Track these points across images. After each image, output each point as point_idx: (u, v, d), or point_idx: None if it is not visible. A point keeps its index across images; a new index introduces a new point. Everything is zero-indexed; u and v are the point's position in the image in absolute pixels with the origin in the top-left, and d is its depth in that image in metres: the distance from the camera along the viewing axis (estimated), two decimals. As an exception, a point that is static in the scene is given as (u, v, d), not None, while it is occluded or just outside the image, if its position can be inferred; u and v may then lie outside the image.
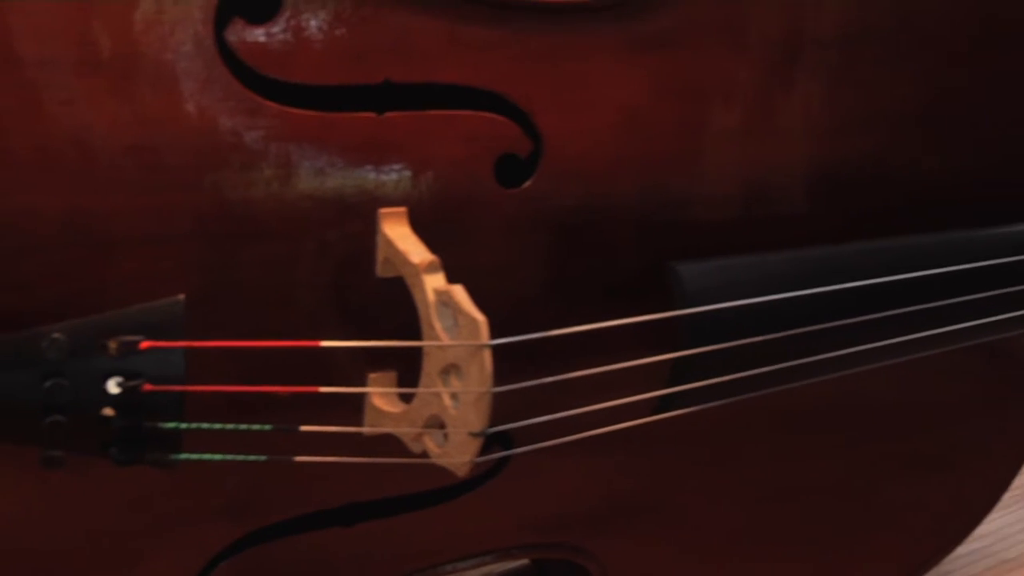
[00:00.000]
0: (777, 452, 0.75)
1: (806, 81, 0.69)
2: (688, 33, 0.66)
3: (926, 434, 0.79)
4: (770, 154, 0.69)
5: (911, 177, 0.74)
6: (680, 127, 0.67)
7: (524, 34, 0.62)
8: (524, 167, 0.63)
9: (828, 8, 0.69)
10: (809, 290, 0.65)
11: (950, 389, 0.78)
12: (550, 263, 0.65)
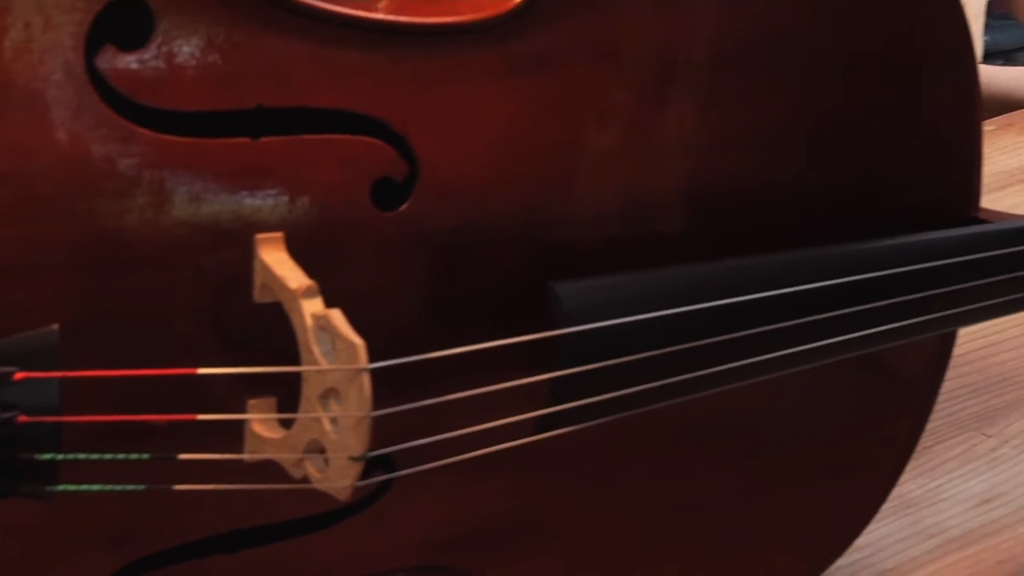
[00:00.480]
0: (661, 467, 0.76)
1: (681, 101, 0.70)
2: (564, 55, 0.66)
3: (805, 446, 0.80)
4: (647, 173, 0.70)
5: (790, 194, 0.75)
6: (557, 148, 0.67)
7: (399, 57, 0.62)
8: (401, 190, 0.63)
9: (701, 29, 0.70)
10: (688, 307, 0.66)
11: (828, 400, 0.79)
12: (430, 285, 0.65)
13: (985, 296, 0.76)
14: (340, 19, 0.61)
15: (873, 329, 0.71)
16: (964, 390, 1.00)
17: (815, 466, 0.81)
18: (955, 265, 0.73)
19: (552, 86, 0.66)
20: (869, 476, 0.84)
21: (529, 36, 0.65)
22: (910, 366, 0.83)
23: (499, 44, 0.64)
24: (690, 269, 0.68)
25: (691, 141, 0.71)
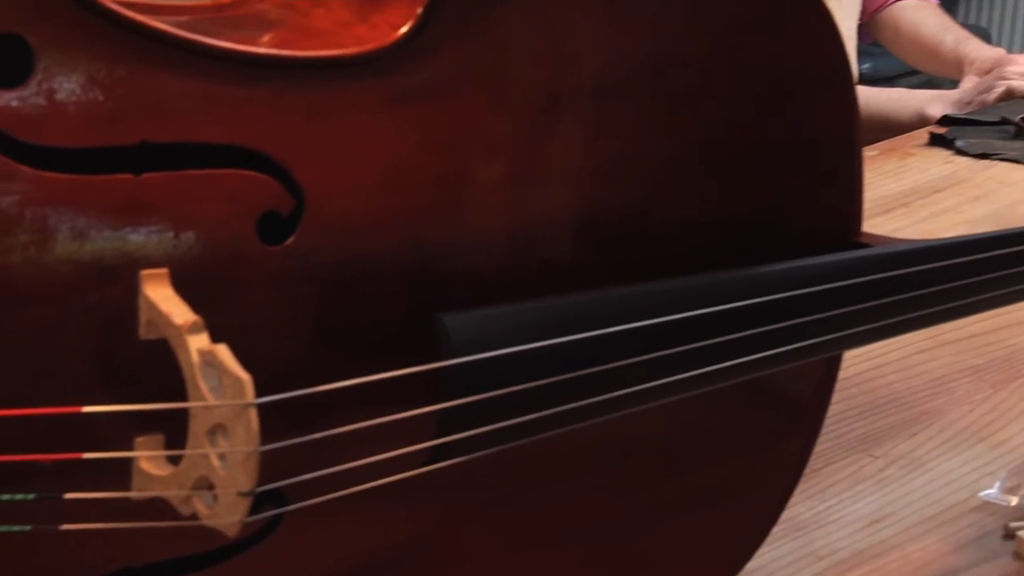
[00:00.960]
0: (555, 495, 0.76)
1: (567, 130, 0.71)
2: (448, 86, 0.67)
3: (695, 471, 0.81)
4: (535, 203, 0.71)
5: (677, 222, 0.76)
6: (443, 179, 0.67)
7: (283, 91, 0.62)
8: (287, 224, 0.63)
9: (586, 60, 0.71)
10: (576, 335, 0.66)
11: (717, 425, 0.80)
12: (319, 318, 0.65)
13: (868, 319, 0.77)
14: (222, 53, 0.61)
15: (758, 354, 0.72)
16: (851, 412, 1.02)
17: (705, 490, 0.82)
18: (837, 290, 0.74)
19: (437, 117, 0.66)
20: (759, 499, 0.85)
21: (413, 68, 0.65)
22: (797, 390, 0.84)
23: (383, 76, 0.64)
24: (578, 298, 0.68)
25: (578, 170, 0.72)
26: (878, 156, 1.55)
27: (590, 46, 0.71)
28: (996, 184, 1.47)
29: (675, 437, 0.79)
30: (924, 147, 1.59)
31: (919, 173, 1.50)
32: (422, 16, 0.65)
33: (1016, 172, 1.50)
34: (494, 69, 0.68)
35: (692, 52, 0.74)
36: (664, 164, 0.75)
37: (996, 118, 1.63)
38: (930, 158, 1.55)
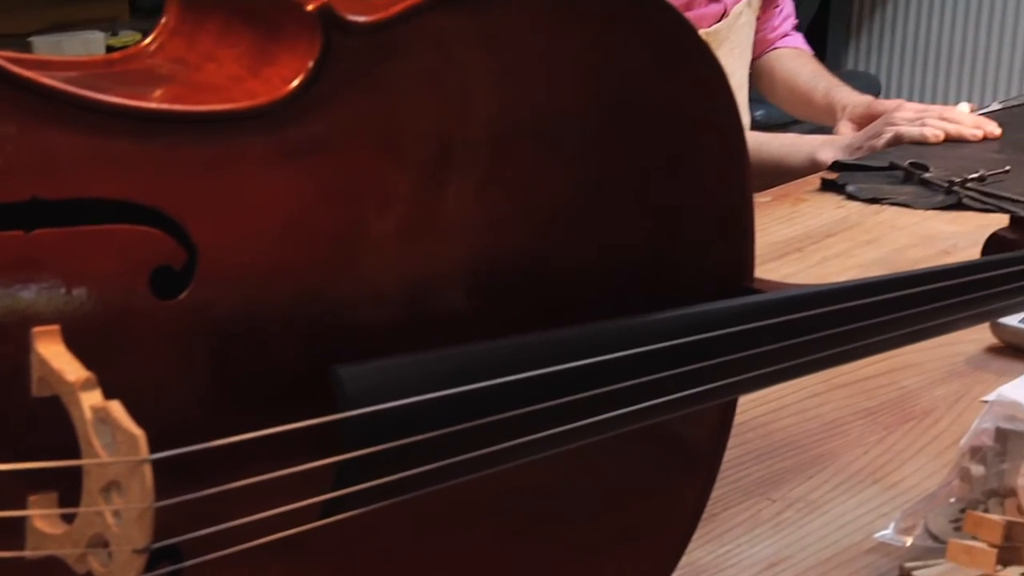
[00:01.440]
0: (456, 542, 0.76)
1: (460, 181, 0.71)
2: (340, 139, 0.67)
3: (594, 516, 0.81)
4: (429, 254, 0.71)
5: (571, 269, 0.76)
6: (337, 231, 0.68)
7: (174, 146, 0.62)
8: (180, 278, 0.63)
9: (477, 111, 0.71)
10: (472, 385, 0.66)
11: (614, 471, 0.81)
12: (214, 372, 0.65)
13: (762, 364, 0.78)
14: (112, 109, 0.60)
15: (653, 401, 0.72)
16: (748, 456, 1.03)
17: (603, 537, 0.82)
18: (729, 335, 0.75)
19: (330, 170, 0.67)
20: (658, 544, 0.85)
21: (305, 121, 0.65)
22: (693, 435, 0.85)
23: (275, 130, 0.65)
24: (474, 348, 0.69)
25: (472, 220, 0.72)
26: (771, 202, 1.57)
27: (482, 97, 0.72)
28: (887, 228, 1.49)
29: (570, 484, 0.79)
30: (816, 192, 1.61)
31: (812, 218, 1.52)
32: (313, 69, 0.65)
33: (906, 216, 1.52)
34: (386, 121, 0.68)
35: (584, 102, 0.75)
36: (558, 212, 0.75)
37: (886, 163, 1.66)
38: (822, 203, 1.57)
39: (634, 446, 0.80)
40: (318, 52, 0.65)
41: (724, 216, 0.82)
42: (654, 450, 0.83)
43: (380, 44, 0.67)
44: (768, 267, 1.35)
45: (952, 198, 1.54)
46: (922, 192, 1.57)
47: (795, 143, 1.83)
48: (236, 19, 0.70)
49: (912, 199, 1.56)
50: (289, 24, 0.66)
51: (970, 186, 1.56)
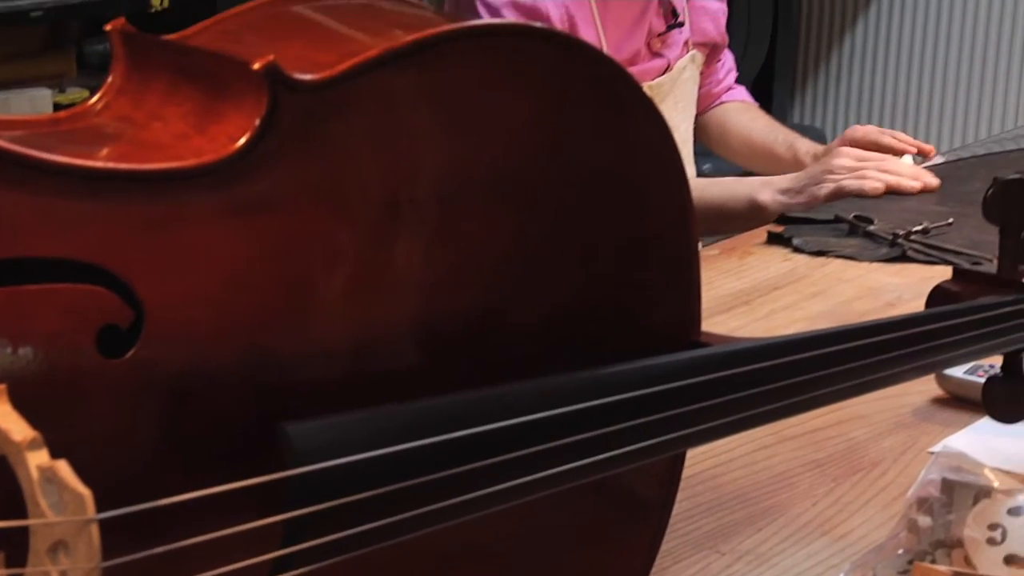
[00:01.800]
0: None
1: (408, 238, 0.72)
2: (287, 196, 0.67)
3: (544, 570, 0.81)
4: (378, 311, 0.71)
5: (519, 325, 0.77)
6: (285, 289, 0.68)
7: (120, 204, 0.62)
8: (127, 337, 0.63)
9: (424, 169, 0.72)
10: (420, 442, 0.66)
11: (564, 524, 0.81)
12: (162, 430, 0.64)
13: (710, 418, 0.78)
14: (57, 168, 0.60)
15: (602, 455, 0.72)
16: (697, 509, 1.03)
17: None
18: (677, 389, 0.75)
19: (277, 228, 0.67)
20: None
21: (251, 179, 0.66)
22: (642, 487, 0.85)
23: (222, 188, 0.65)
24: (422, 404, 0.69)
25: (420, 277, 0.72)
26: (718, 255, 1.58)
27: (430, 155, 0.72)
28: (833, 281, 1.50)
29: (517, 535, 0.79)
30: (763, 245, 1.62)
31: (758, 271, 1.53)
32: (259, 127, 0.65)
33: (852, 269, 1.53)
34: (334, 179, 0.68)
35: (530, 158, 0.76)
36: (506, 269, 0.76)
37: (831, 216, 1.67)
38: (769, 256, 1.58)
39: (583, 498, 0.80)
40: (264, 110, 0.65)
41: (670, 270, 0.83)
42: (603, 502, 0.83)
43: (327, 102, 0.67)
44: (716, 320, 1.35)
45: (896, 250, 1.56)
46: (867, 244, 1.59)
47: (733, 187, 1.83)
48: (182, 78, 0.70)
49: (857, 251, 1.57)
50: (235, 82, 0.67)
51: (914, 238, 1.57)
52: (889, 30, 3.31)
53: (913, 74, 3.32)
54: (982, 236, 1.52)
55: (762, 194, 1.80)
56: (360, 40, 0.73)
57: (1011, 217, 0.96)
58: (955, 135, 3.30)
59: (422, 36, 0.70)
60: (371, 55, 0.68)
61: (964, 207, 1.65)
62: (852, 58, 3.42)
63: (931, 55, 3.27)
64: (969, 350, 0.93)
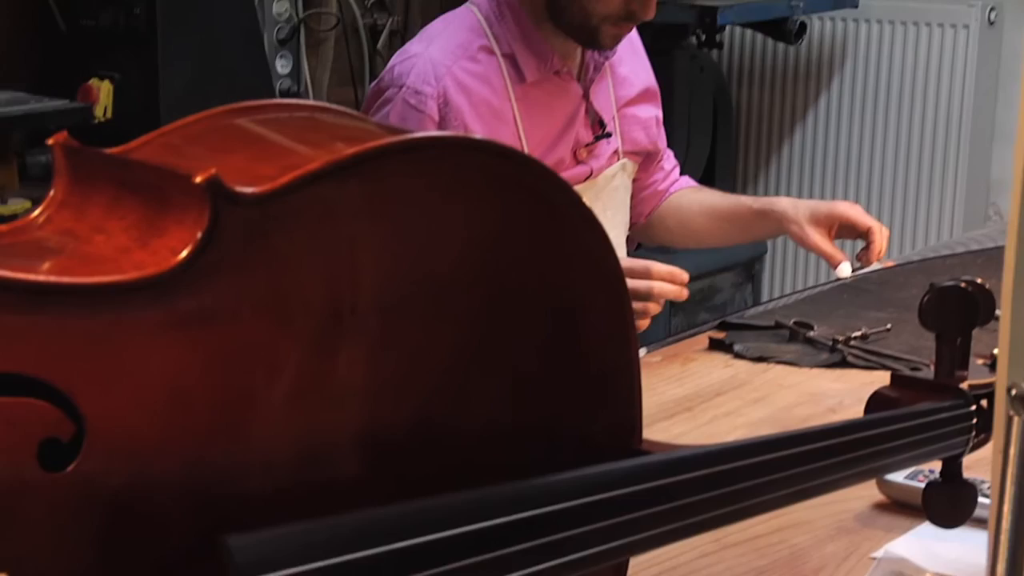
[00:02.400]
0: None
1: (350, 348, 0.72)
2: (229, 308, 0.67)
3: None
4: (320, 421, 0.71)
5: (462, 434, 0.77)
6: (228, 400, 0.68)
7: (61, 318, 0.62)
8: (68, 450, 0.62)
9: (365, 278, 0.72)
10: (362, 552, 0.66)
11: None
12: (103, 543, 0.64)
13: (651, 526, 0.78)
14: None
15: (543, 564, 0.72)
16: (642, 617, 1.03)
17: None
18: (617, 498, 0.75)
19: (219, 339, 0.67)
20: None
21: (194, 291, 0.66)
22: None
23: (164, 300, 0.65)
24: (362, 515, 0.69)
25: (363, 386, 0.73)
26: (661, 361, 1.58)
27: (371, 265, 0.72)
28: (774, 387, 1.51)
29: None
30: (705, 352, 1.63)
31: (701, 377, 1.54)
32: (201, 240, 0.66)
33: (793, 375, 1.54)
34: (275, 290, 0.69)
35: (471, 268, 0.76)
36: (447, 377, 0.76)
37: (771, 322, 1.68)
38: (711, 362, 1.59)
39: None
40: (206, 223, 0.66)
41: (610, 377, 0.83)
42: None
43: (269, 215, 0.68)
44: (659, 427, 1.36)
45: (836, 356, 1.57)
46: (807, 350, 1.60)
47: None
48: (125, 191, 0.70)
49: (798, 357, 1.58)
50: (178, 196, 0.67)
51: (854, 344, 1.58)
52: (827, 135, 3.35)
53: (850, 182, 3.36)
54: (920, 341, 1.53)
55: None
56: (302, 153, 0.74)
57: (947, 323, 0.98)
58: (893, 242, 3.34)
59: (363, 149, 0.70)
60: (312, 168, 0.69)
61: (902, 313, 1.66)
62: (791, 165, 3.46)
63: (868, 158, 3.31)
64: (909, 455, 0.94)
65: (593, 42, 1.75)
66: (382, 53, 3.27)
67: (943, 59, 3.21)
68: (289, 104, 0.81)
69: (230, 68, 2.60)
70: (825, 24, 3.34)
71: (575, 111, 1.79)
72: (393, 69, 1.72)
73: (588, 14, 1.69)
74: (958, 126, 3.23)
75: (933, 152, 3.29)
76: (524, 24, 1.73)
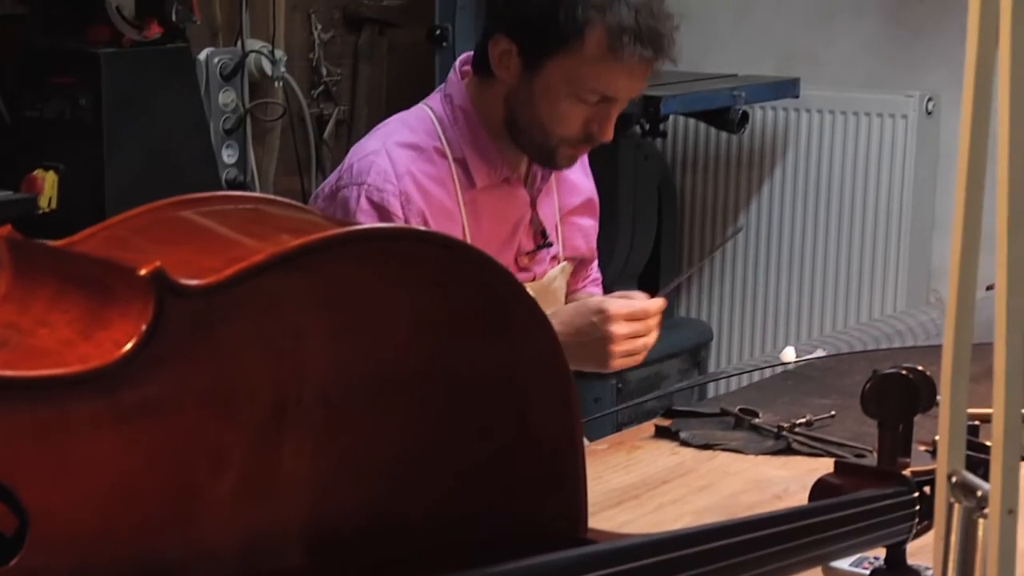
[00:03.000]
0: None
1: (295, 440, 0.72)
2: (174, 401, 0.67)
3: None
4: (266, 512, 0.71)
5: (407, 524, 0.77)
6: (173, 492, 0.68)
7: (5, 411, 0.62)
8: (11, 545, 0.62)
9: (310, 370, 0.72)
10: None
11: None
12: (45, 639, 0.64)
13: (596, 615, 0.78)
14: (-58, 376, 0.61)
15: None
16: None
17: None
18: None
19: (164, 431, 0.67)
20: None
21: (138, 384, 0.66)
22: None
23: (108, 393, 0.65)
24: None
25: (308, 477, 0.73)
26: (607, 450, 1.58)
27: (317, 357, 0.73)
28: (720, 474, 1.51)
29: None
30: (651, 439, 1.63)
31: (647, 465, 1.54)
32: (146, 333, 0.66)
33: (738, 462, 1.55)
34: (220, 383, 0.69)
35: (417, 359, 0.77)
36: (393, 469, 0.76)
37: (717, 409, 1.69)
38: (657, 450, 1.59)
39: None
40: (151, 316, 0.66)
41: (555, 467, 0.83)
42: None
43: (213, 307, 0.68)
44: (605, 515, 1.35)
45: (781, 443, 1.57)
46: (753, 437, 1.60)
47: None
48: (69, 284, 0.70)
49: (743, 444, 1.59)
50: (122, 289, 0.67)
51: (798, 431, 1.59)
52: (770, 223, 3.38)
53: (794, 265, 3.39)
54: (864, 428, 1.54)
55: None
56: (247, 245, 0.74)
57: (888, 410, 0.99)
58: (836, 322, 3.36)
59: (308, 241, 0.71)
60: (257, 260, 0.69)
61: (846, 399, 1.67)
62: (735, 251, 3.48)
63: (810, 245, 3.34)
64: (853, 542, 0.95)
65: (549, 162, 1.75)
66: (328, 143, 3.28)
67: (883, 148, 3.25)
68: (234, 196, 0.81)
69: (176, 158, 2.60)
70: (767, 113, 3.37)
71: (521, 218, 1.80)
72: (352, 168, 1.71)
73: (548, 135, 1.69)
74: (899, 214, 3.26)
75: (875, 240, 3.32)
76: (477, 131, 1.73)
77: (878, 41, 3.25)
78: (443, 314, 0.77)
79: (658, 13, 1.67)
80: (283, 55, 3.08)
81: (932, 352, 1.87)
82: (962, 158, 0.64)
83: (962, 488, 0.65)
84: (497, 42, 1.67)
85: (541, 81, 1.66)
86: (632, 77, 1.68)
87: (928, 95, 3.20)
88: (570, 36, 1.64)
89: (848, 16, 3.26)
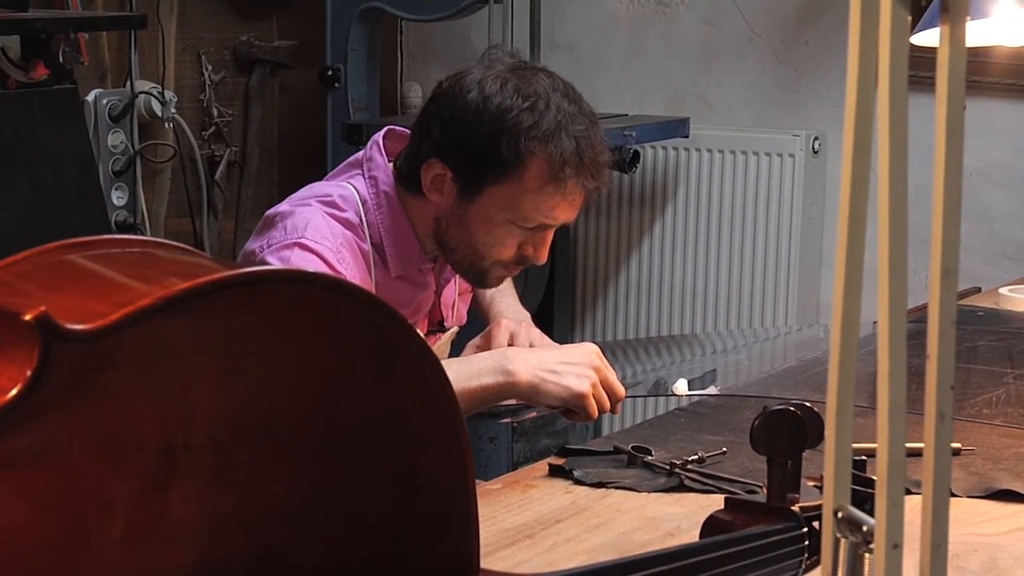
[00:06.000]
0: None
1: (184, 485, 0.71)
2: (60, 447, 0.67)
3: None
4: (155, 559, 0.70)
5: (299, 569, 0.76)
6: (59, 541, 0.67)
7: None
8: None
9: (198, 415, 0.72)
10: None
11: None
12: None
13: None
14: None
15: None
16: None
17: None
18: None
19: (49, 479, 0.66)
20: None
21: (23, 431, 0.65)
22: None
23: (-13, 440, 0.64)
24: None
25: (198, 524, 0.72)
26: (501, 489, 1.58)
27: (205, 401, 0.72)
28: (613, 512, 1.51)
29: None
30: (545, 478, 1.63)
31: (541, 504, 1.54)
32: (31, 379, 0.65)
33: (631, 499, 1.55)
34: (107, 429, 0.68)
35: (307, 401, 0.76)
36: (283, 514, 0.76)
37: (610, 447, 1.70)
38: (551, 489, 1.59)
39: None
40: (36, 361, 0.65)
41: (446, 507, 0.83)
42: None
43: (100, 351, 0.67)
44: (499, 555, 1.35)
45: (674, 480, 1.58)
46: (645, 475, 1.61)
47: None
48: (-48, 330, 0.70)
49: (636, 482, 1.59)
50: (7, 334, 0.66)
51: (690, 468, 1.60)
52: (662, 260, 3.41)
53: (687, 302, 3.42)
54: (755, 464, 1.56)
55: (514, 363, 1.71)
56: (135, 288, 0.74)
57: (777, 447, 1.00)
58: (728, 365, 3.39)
59: (196, 284, 0.70)
60: (144, 304, 0.68)
61: (737, 436, 1.69)
62: (628, 289, 3.51)
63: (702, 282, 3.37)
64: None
65: (479, 281, 1.73)
66: (220, 184, 3.27)
67: (771, 186, 3.29)
68: (122, 239, 0.81)
69: (65, 201, 2.58)
70: (658, 152, 3.41)
71: (424, 304, 1.80)
72: (285, 225, 1.67)
73: (481, 257, 1.67)
74: (787, 251, 3.31)
75: (764, 276, 3.36)
76: (399, 222, 1.70)
77: (765, 82, 3.29)
78: (334, 356, 0.77)
79: (596, 143, 1.66)
80: (173, 96, 3.06)
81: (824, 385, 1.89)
82: (843, 198, 0.65)
83: (848, 523, 0.66)
84: (431, 166, 1.64)
85: (477, 207, 1.64)
86: (572, 206, 1.67)
87: (815, 134, 3.25)
88: (511, 166, 1.61)
89: (734, 57, 3.30)
